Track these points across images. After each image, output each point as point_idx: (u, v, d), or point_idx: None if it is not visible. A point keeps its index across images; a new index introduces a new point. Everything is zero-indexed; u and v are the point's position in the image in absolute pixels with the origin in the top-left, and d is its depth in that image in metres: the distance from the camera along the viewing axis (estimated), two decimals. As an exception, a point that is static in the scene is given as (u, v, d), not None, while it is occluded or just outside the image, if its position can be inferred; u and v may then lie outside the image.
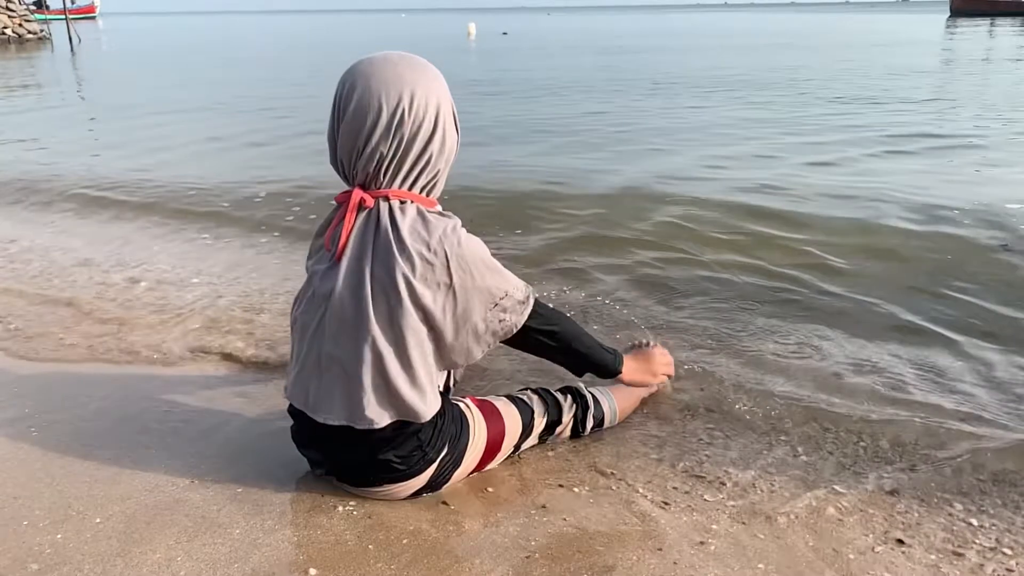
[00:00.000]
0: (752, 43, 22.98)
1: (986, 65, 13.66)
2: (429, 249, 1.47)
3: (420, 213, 1.51)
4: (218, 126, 7.93)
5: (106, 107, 10.20)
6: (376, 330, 1.48)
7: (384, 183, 1.51)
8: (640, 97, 9.71)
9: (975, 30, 27.42)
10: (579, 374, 1.79)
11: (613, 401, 1.99)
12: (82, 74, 16.06)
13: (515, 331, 1.60)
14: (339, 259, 1.51)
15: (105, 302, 2.97)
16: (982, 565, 1.50)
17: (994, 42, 20.43)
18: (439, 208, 1.57)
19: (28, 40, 28.38)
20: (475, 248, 1.51)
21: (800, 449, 1.92)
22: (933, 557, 1.52)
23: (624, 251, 3.50)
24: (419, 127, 1.48)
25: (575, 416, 1.91)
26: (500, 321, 1.57)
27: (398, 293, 1.46)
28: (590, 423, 1.93)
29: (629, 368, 1.85)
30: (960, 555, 1.53)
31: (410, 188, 1.53)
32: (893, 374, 2.32)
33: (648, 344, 2.33)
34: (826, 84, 10.67)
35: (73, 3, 40.06)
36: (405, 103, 1.45)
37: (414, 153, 1.50)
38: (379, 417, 1.51)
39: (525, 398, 1.85)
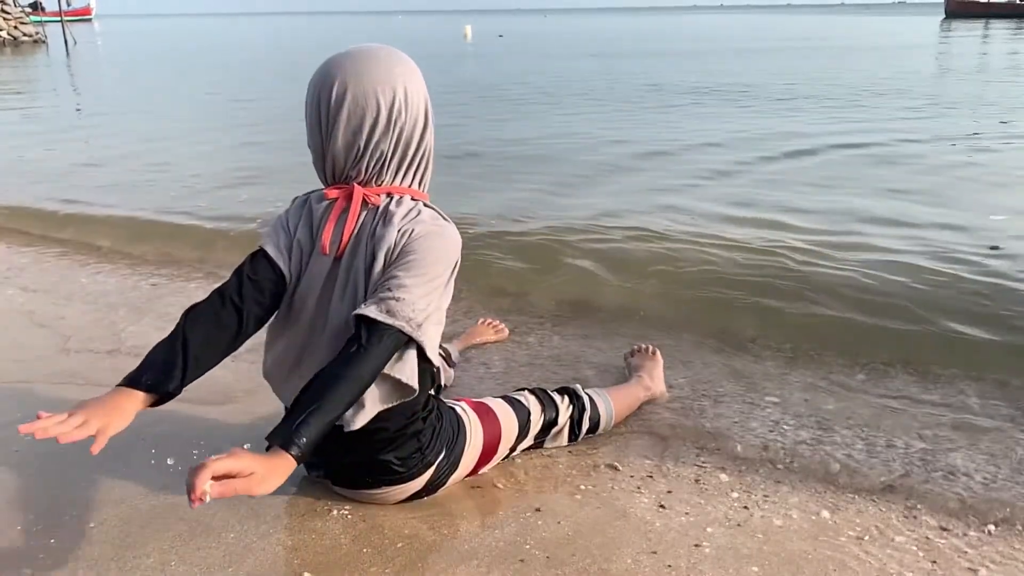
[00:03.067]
0: (749, 48, 23.00)
1: (980, 70, 13.70)
2: (401, 231, 1.44)
3: (416, 206, 1.49)
4: (213, 134, 7.92)
5: (95, 114, 10.18)
6: None
7: (386, 180, 1.50)
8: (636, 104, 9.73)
9: (970, 33, 27.50)
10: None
11: (610, 403, 1.99)
12: (76, 78, 16.03)
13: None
14: (340, 257, 1.49)
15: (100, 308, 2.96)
16: (976, 570, 1.50)
17: (988, 46, 20.47)
18: (435, 207, 1.54)
19: (23, 43, 28.31)
20: (436, 250, 1.44)
21: (795, 453, 1.92)
22: (930, 561, 1.52)
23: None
24: (415, 121, 1.48)
25: (571, 417, 1.90)
26: (364, 305, 1.38)
27: (368, 286, 1.44)
28: (586, 425, 1.92)
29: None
30: (958, 557, 1.53)
31: (410, 183, 1.53)
32: (886, 379, 2.32)
33: (648, 350, 2.33)
34: (823, 89, 10.70)
35: (69, 5, 39.98)
36: (401, 98, 1.44)
37: (412, 147, 1.50)
38: (362, 418, 1.45)
39: (522, 399, 1.84)
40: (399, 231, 1.45)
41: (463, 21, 48.86)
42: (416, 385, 1.45)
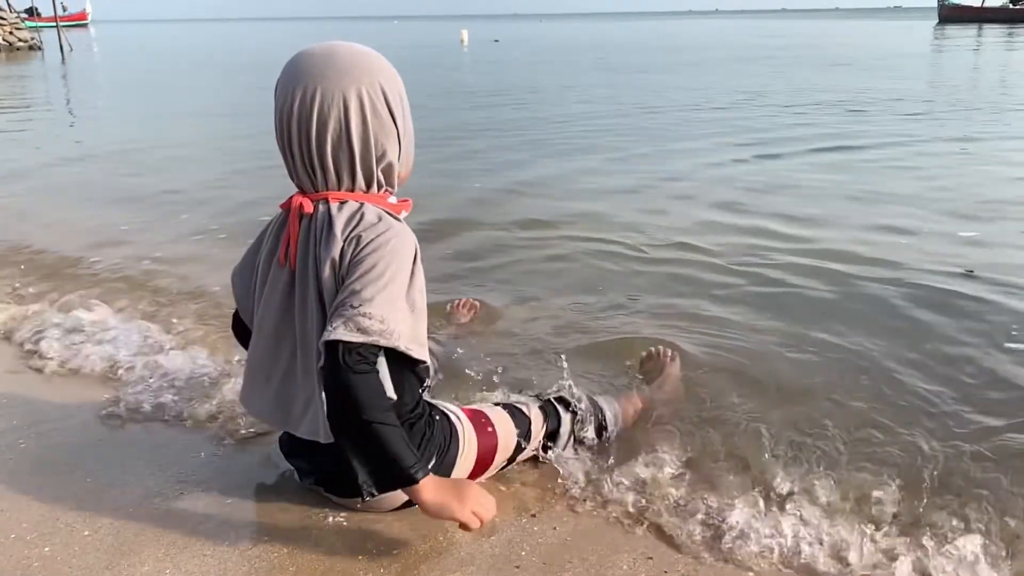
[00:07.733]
0: (746, 55, 23.02)
1: (973, 79, 13.74)
2: (348, 239, 1.40)
3: (360, 209, 1.44)
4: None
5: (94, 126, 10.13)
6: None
7: (319, 185, 1.46)
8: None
9: (963, 37, 27.60)
10: (362, 465, 1.38)
11: (616, 411, 1.96)
12: (71, 86, 16.01)
13: (322, 352, 1.34)
14: (294, 269, 1.49)
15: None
16: None
17: (979, 54, 20.51)
18: (391, 202, 1.50)
19: (19, 48, 28.28)
20: (388, 253, 1.39)
21: (793, 462, 1.91)
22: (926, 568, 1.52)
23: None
24: (325, 123, 1.40)
25: (574, 426, 1.86)
26: (331, 328, 1.33)
27: (322, 293, 1.42)
28: (590, 434, 1.88)
29: (433, 484, 1.41)
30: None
31: (351, 188, 1.47)
32: (881, 388, 2.31)
33: (666, 354, 2.30)
34: (821, 97, 10.72)
35: (65, 10, 40.00)
36: (308, 99, 1.39)
37: (331, 151, 1.42)
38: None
39: (523, 408, 1.79)
40: (344, 240, 1.41)
41: (460, 26, 48.90)
42: (393, 394, 1.40)
